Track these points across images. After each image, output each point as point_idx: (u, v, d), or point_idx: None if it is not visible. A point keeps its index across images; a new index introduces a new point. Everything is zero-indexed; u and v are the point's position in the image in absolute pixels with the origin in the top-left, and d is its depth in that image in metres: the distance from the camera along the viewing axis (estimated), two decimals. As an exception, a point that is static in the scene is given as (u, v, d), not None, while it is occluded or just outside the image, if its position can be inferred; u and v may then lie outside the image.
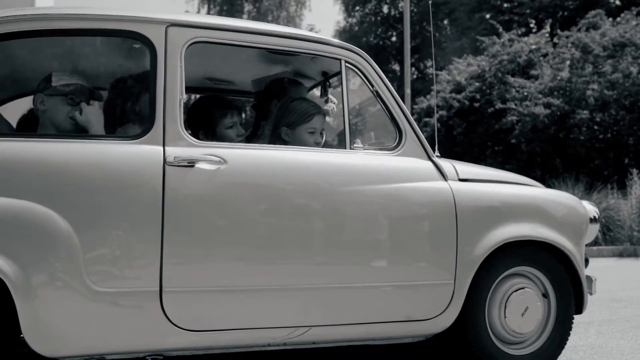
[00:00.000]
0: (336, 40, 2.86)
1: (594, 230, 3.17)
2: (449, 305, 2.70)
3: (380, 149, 2.83)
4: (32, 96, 2.72)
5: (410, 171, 2.77)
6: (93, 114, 2.61)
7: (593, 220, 3.14)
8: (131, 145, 2.40)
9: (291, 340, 2.54)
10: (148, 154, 2.38)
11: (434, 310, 2.71)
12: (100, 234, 2.30)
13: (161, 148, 2.40)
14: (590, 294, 3.03)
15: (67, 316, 2.26)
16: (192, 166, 2.41)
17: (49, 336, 2.25)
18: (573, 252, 2.92)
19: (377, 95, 2.79)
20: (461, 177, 2.85)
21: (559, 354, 2.95)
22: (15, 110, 3.16)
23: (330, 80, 3.43)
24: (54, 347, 2.27)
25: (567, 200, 3.10)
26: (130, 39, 2.53)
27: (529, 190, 3.07)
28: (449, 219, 2.72)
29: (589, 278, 3.02)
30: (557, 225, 2.92)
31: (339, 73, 3.31)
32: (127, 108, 2.77)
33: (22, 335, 2.29)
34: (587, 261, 3.07)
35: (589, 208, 3.18)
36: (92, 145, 2.40)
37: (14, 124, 2.94)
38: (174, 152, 2.41)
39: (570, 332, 2.97)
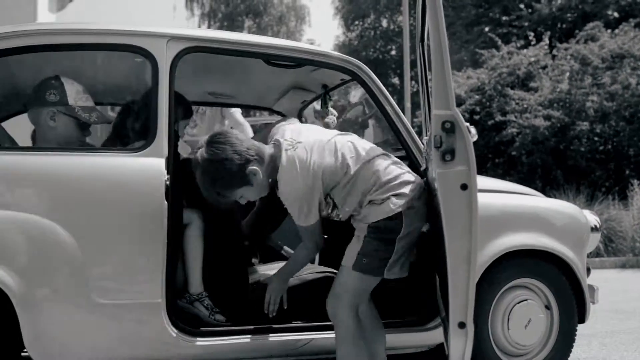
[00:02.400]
0: (335, 53, 2.89)
1: (595, 240, 3.18)
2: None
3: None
4: (32, 106, 2.59)
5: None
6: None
7: (594, 229, 3.14)
8: (134, 157, 2.42)
9: (293, 351, 2.54)
10: (150, 166, 2.39)
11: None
12: (103, 247, 2.31)
13: (164, 160, 2.42)
14: (593, 303, 3.02)
15: (70, 329, 2.27)
16: (194, 178, 2.42)
17: (52, 349, 2.25)
18: (575, 261, 2.92)
19: (379, 106, 2.80)
20: (462, 187, 2.85)
21: (563, 366, 2.94)
22: (17, 125, 3.18)
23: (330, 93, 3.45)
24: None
25: (567, 209, 3.10)
26: (132, 53, 2.55)
27: (530, 199, 3.08)
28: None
29: (591, 287, 3.02)
30: (558, 235, 2.92)
31: (339, 85, 3.35)
32: (131, 122, 2.78)
33: (25, 350, 2.29)
34: (588, 270, 3.07)
35: (590, 217, 3.19)
36: (95, 158, 2.42)
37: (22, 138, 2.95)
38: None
39: (574, 343, 2.96)
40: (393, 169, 2.43)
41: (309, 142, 2.40)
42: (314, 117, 4.94)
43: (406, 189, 2.37)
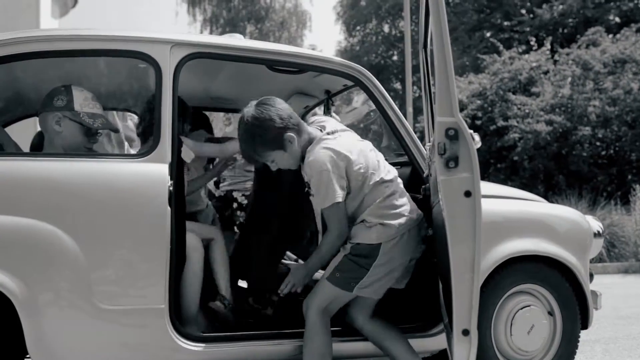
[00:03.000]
0: (337, 58, 2.89)
1: (598, 245, 3.17)
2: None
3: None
4: (41, 111, 2.61)
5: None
6: (105, 144, 2.66)
7: (597, 234, 3.14)
8: (137, 163, 2.42)
9: (295, 357, 2.53)
10: (154, 172, 2.40)
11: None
12: (106, 253, 2.31)
13: (167, 166, 2.42)
14: (596, 309, 3.02)
15: (73, 334, 2.27)
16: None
17: (55, 354, 2.25)
18: (577, 266, 2.91)
19: (382, 112, 2.80)
20: (464, 192, 2.85)
21: (566, 372, 2.93)
22: (20, 129, 3.19)
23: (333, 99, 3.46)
24: (60, 366, 2.26)
25: (570, 215, 3.10)
26: (135, 58, 2.56)
27: (532, 205, 3.07)
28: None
29: (594, 293, 3.01)
30: (561, 240, 2.92)
31: (341, 91, 3.35)
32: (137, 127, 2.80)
33: (28, 356, 2.29)
34: (591, 276, 3.06)
35: (593, 223, 3.18)
36: (98, 164, 2.42)
37: (25, 143, 2.96)
38: (179, 170, 2.43)
39: (577, 350, 2.95)
40: (397, 197, 2.53)
41: (349, 140, 2.54)
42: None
43: (397, 221, 2.48)
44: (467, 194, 2.12)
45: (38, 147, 2.78)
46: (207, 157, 3.38)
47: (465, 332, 2.13)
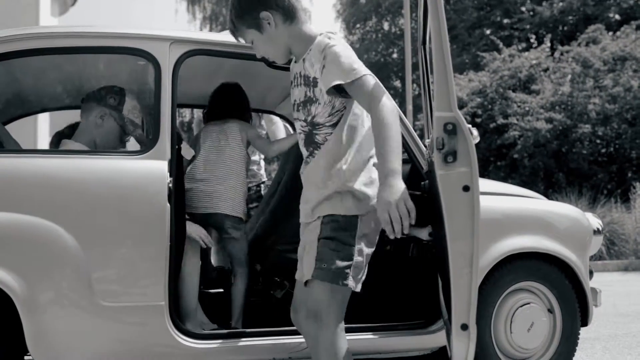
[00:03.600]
0: None
1: (597, 242, 3.17)
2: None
3: None
4: (88, 101, 2.75)
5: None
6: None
7: (596, 232, 3.14)
8: (137, 160, 2.42)
9: (296, 354, 2.53)
10: (153, 169, 2.40)
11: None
12: (107, 249, 2.31)
13: (166, 163, 2.42)
14: (596, 306, 3.02)
15: (73, 331, 2.27)
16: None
17: (55, 351, 2.25)
18: (577, 264, 2.91)
19: None
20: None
21: (566, 370, 2.94)
22: (20, 127, 3.19)
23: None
24: (60, 363, 2.27)
25: (570, 212, 3.10)
26: (134, 55, 2.56)
27: (532, 202, 3.07)
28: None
29: (593, 290, 3.01)
30: (560, 238, 2.92)
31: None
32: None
33: (28, 354, 2.29)
34: (591, 273, 3.06)
35: (592, 220, 3.18)
36: (98, 161, 2.42)
37: (25, 141, 2.97)
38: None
39: (577, 347, 2.95)
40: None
41: None
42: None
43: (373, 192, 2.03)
44: (466, 188, 2.11)
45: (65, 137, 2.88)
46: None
47: (464, 327, 2.12)
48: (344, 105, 2.07)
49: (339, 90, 2.02)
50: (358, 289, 2.02)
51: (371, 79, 1.98)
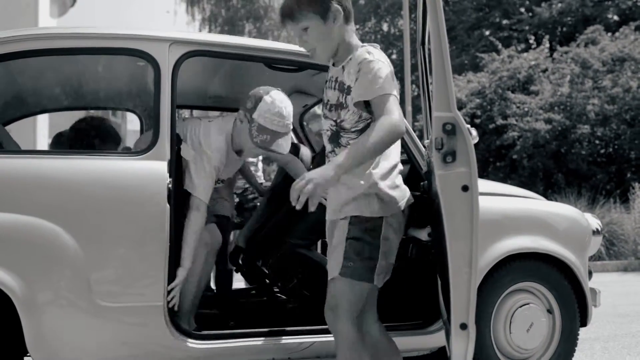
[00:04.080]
0: None
1: (596, 243, 3.17)
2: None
3: None
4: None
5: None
6: None
7: (596, 232, 3.14)
8: (136, 161, 2.42)
9: (295, 354, 2.53)
10: (153, 169, 2.40)
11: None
12: (106, 250, 2.31)
13: (166, 164, 2.42)
14: (595, 306, 3.02)
15: (72, 331, 2.27)
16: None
17: (54, 351, 2.25)
18: (577, 264, 2.92)
19: None
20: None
21: (565, 370, 2.94)
22: (19, 128, 3.19)
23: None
24: (59, 363, 2.27)
25: (569, 212, 3.10)
26: (134, 56, 2.56)
27: (531, 203, 3.08)
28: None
29: (593, 290, 3.01)
30: (560, 238, 2.92)
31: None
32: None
33: (27, 354, 2.29)
34: (590, 274, 3.06)
35: (592, 220, 3.18)
36: (98, 162, 2.43)
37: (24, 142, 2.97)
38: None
39: (576, 347, 2.96)
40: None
41: None
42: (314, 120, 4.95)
43: (399, 195, 2.19)
44: (465, 188, 2.12)
45: None
46: None
47: (464, 326, 2.13)
48: (371, 117, 2.15)
49: (365, 104, 2.13)
50: (379, 285, 2.19)
51: (394, 100, 2.08)
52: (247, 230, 3.35)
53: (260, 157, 4.29)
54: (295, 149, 3.26)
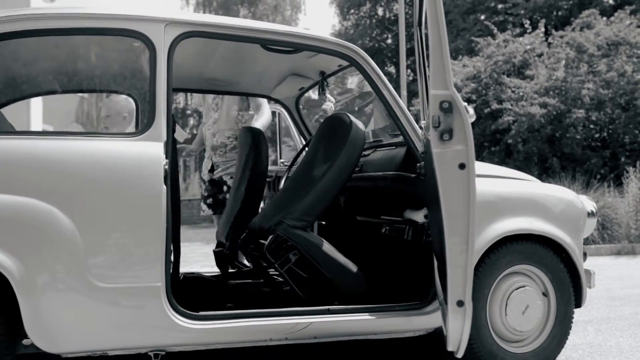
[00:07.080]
0: (332, 38, 2.88)
1: (591, 225, 3.18)
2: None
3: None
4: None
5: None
6: None
7: (590, 214, 3.15)
8: (132, 142, 2.41)
9: (292, 335, 2.55)
10: (149, 151, 2.39)
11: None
12: (103, 231, 2.31)
13: (162, 145, 2.41)
14: (589, 287, 3.04)
15: (70, 312, 2.27)
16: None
17: (52, 333, 2.26)
18: (572, 246, 2.93)
19: (377, 92, 2.80)
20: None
21: (559, 352, 2.95)
22: (15, 111, 3.17)
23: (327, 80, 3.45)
24: (57, 344, 2.27)
25: (564, 194, 3.11)
26: (129, 37, 2.53)
27: (526, 185, 3.08)
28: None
29: (587, 271, 3.03)
30: (555, 220, 2.93)
31: (337, 72, 3.34)
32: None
33: (26, 339, 2.29)
34: (585, 255, 3.08)
35: (587, 202, 3.19)
36: (94, 143, 2.41)
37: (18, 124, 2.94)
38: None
39: (570, 330, 2.98)
40: None
41: None
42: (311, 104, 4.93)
43: None
44: (462, 166, 2.12)
45: None
46: None
47: (460, 303, 2.13)
48: None
49: None
50: None
51: None
52: (222, 226, 3.44)
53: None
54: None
